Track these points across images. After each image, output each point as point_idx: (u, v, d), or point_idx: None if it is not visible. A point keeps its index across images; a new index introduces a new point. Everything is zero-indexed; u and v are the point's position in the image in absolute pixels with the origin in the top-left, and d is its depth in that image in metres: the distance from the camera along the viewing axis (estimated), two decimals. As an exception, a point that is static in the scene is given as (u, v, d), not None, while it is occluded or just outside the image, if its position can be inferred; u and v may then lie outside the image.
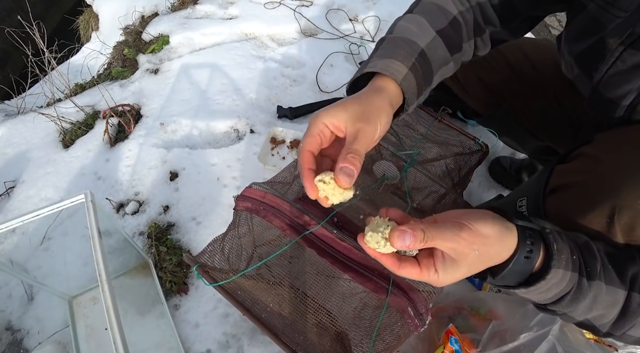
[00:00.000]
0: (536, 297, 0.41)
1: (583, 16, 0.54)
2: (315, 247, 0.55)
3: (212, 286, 0.54)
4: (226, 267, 0.61)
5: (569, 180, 0.54)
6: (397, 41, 0.52)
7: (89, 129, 1.29)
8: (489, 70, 0.84)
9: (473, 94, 0.89)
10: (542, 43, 0.83)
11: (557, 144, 0.84)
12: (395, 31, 0.55)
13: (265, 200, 0.59)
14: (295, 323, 0.58)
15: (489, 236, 0.38)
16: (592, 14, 0.52)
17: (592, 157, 0.53)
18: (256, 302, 0.58)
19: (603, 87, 0.53)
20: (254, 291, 0.60)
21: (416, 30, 0.54)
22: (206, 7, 1.84)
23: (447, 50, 0.56)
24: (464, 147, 0.84)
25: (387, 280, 0.51)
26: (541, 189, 0.57)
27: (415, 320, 0.49)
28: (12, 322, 0.89)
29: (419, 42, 0.52)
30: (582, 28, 0.55)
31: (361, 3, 1.81)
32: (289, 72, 1.45)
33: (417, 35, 0.53)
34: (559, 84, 0.75)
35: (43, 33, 1.28)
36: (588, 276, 0.41)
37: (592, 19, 0.52)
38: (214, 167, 1.13)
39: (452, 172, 0.83)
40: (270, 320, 0.56)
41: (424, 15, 0.56)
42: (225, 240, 0.63)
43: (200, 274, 0.55)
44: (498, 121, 0.90)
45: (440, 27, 0.55)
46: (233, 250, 0.63)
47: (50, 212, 0.61)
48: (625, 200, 0.45)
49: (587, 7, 0.52)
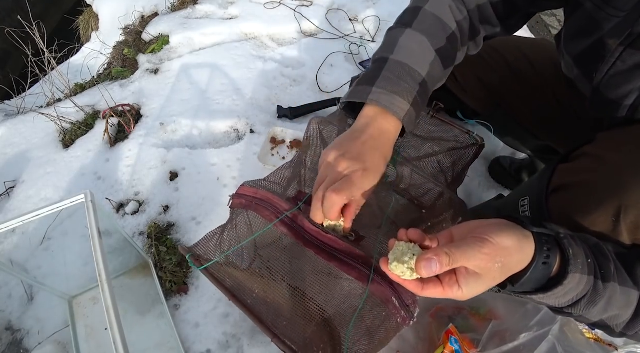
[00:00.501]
0: (553, 301, 0.42)
1: (580, 14, 0.54)
2: (301, 239, 0.56)
3: (199, 269, 0.57)
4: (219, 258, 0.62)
5: (572, 179, 0.53)
6: (399, 71, 0.53)
7: (89, 129, 1.29)
8: (488, 70, 0.84)
9: (472, 93, 0.89)
10: (541, 43, 0.83)
11: (556, 143, 0.84)
12: (396, 52, 0.54)
13: (257, 195, 0.61)
14: (279, 309, 0.58)
15: (510, 247, 0.38)
16: (588, 12, 0.52)
17: (595, 156, 0.52)
18: (242, 288, 0.59)
19: (604, 88, 0.53)
20: (242, 279, 0.61)
21: (418, 53, 0.55)
22: (206, 7, 1.84)
23: (442, 67, 0.57)
24: (458, 141, 0.83)
25: (370, 268, 0.51)
26: (544, 189, 0.57)
27: (402, 312, 0.49)
28: (12, 322, 0.89)
29: (421, 70, 0.54)
30: (579, 27, 0.55)
31: (361, 3, 1.81)
32: (289, 72, 1.45)
33: (419, 61, 0.54)
34: (558, 83, 0.75)
35: (43, 33, 1.28)
36: (603, 278, 0.41)
37: (589, 18, 0.52)
38: (214, 167, 1.13)
39: (447, 169, 0.82)
40: (256, 306, 0.57)
41: (424, 33, 0.56)
42: (222, 235, 0.64)
43: (191, 261, 0.57)
44: (497, 121, 0.90)
45: (440, 45, 0.56)
46: (227, 243, 0.63)
47: (50, 212, 0.61)
48: (631, 200, 0.45)
49: (584, 5, 0.52)
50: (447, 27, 0.57)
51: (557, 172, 0.57)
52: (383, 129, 0.51)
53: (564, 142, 0.81)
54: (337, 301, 0.57)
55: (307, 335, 0.55)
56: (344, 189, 0.46)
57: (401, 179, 0.76)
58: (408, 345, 0.82)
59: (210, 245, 0.63)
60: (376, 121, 0.51)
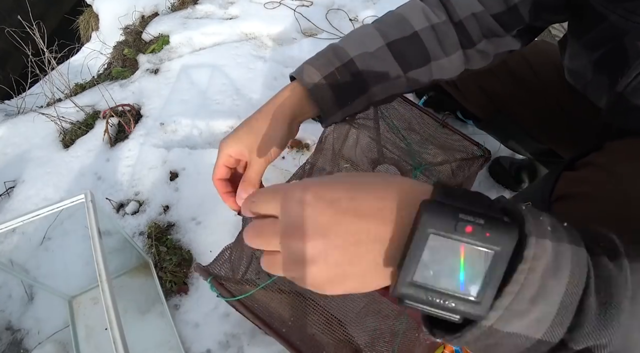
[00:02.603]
0: (531, 321, 0.22)
1: (604, 26, 0.51)
2: None
3: (226, 300, 0.53)
4: (235, 276, 0.60)
5: (577, 189, 0.52)
6: (327, 49, 0.52)
7: (89, 129, 1.29)
8: (489, 76, 0.82)
9: (472, 100, 0.88)
10: (543, 47, 0.82)
11: (559, 147, 0.83)
12: (341, 39, 0.54)
13: None
14: (313, 337, 0.56)
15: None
16: (614, 25, 0.49)
17: (603, 167, 0.51)
18: (272, 315, 0.57)
19: (631, 93, 0.50)
20: (268, 302, 0.59)
21: (356, 39, 0.53)
22: (206, 7, 1.84)
23: (397, 65, 0.54)
24: (467, 152, 0.83)
25: None
26: (547, 196, 0.56)
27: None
28: (12, 322, 0.89)
29: (350, 51, 0.52)
30: (601, 36, 0.52)
31: (361, 3, 1.81)
32: (289, 72, 1.45)
33: (353, 45, 0.52)
34: (561, 88, 0.74)
35: (43, 33, 1.28)
36: (609, 254, 0.24)
37: (615, 28, 0.49)
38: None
39: (456, 177, 0.83)
40: (291, 333, 0.55)
41: (378, 25, 0.55)
42: (233, 249, 0.62)
43: (214, 287, 0.53)
44: (498, 125, 0.90)
45: (392, 39, 0.54)
46: (241, 257, 0.62)
47: (50, 212, 0.61)
48: (637, 212, 0.44)
49: (609, 18, 0.49)
50: (409, 25, 0.54)
51: (561, 179, 0.55)
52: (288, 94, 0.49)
53: (567, 147, 0.80)
54: (370, 327, 0.56)
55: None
56: (253, 180, 0.45)
57: None
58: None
59: (225, 267, 0.60)
60: (285, 88, 0.50)
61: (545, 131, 0.82)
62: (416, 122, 0.88)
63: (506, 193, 1.13)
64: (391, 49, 0.53)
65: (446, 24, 0.55)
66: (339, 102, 0.51)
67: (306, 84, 0.48)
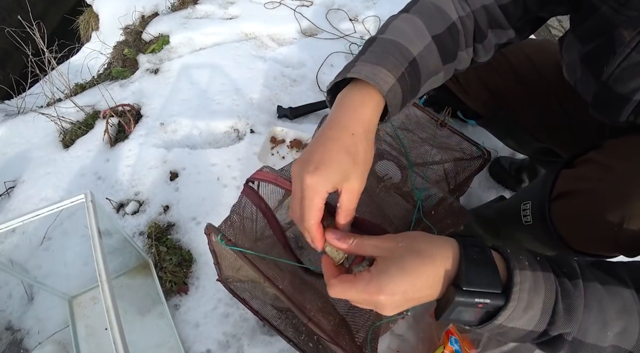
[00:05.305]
0: (525, 321, 0.36)
1: (595, 18, 0.51)
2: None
3: (232, 249, 0.52)
4: (243, 236, 0.61)
5: (576, 186, 0.53)
6: (388, 46, 0.48)
7: (89, 128, 1.29)
8: (492, 72, 0.82)
9: (474, 96, 0.88)
10: (544, 44, 0.82)
11: (558, 146, 0.83)
12: (387, 32, 0.50)
13: (278, 181, 0.58)
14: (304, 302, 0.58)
15: (412, 233, 0.40)
16: (604, 16, 0.49)
17: (601, 163, 0.51)
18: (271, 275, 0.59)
19: (614, 82, 0.50)
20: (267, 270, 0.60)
21: (411, 33, 0.50)
22: (206, 7, 1.84)
23: (440, 59, 0.52)
24: (465, 152, 0.83)
25: None
26: (547, 194, 0.56)
27: None
28: (12, 322, 0.89)
29: (412, 48, 0.48)
30: (592, 28, 0.53)
31: (361, 3, 1.81)
32: (289, 72, 1.45)
33: (411, 40, 0.49)
34: (561, 86, 0.74)
35: (43, 33, 1.28)
36: (569, 276, 0.37)
37: (605, 21, 0.50)
38: (214, 167, 1.13)
39: (450, 177, 0.83)
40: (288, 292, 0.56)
41: (420, 16, 0.52)
42: (242, 208, 0.62)
43: (223, 240, 0.53)
44: (499, 123, 0.90)
45: (438, 32, 0.51)
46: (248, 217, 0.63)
47: (50, 212, 0.61)
48: (635, 209, 0.45)
49: (600, 10, 0.50)
50: (447, 16, 0.53)
51: (560, 177, 0.56)
52: (362, 101, 0.43)
53: (566, 146, 0.81)
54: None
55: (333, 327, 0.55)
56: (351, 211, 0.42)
57: (405, 182, 0.76)
58: (408, 345, 0.82)
59: (235, 225, 0.61)
60: (354, 95, 0.43)
61: (545, 129, 0.82)
62: (415, 121, 0.88)
63: (506, 193, 1.13)
64: (436, 43, 0.51)
65: (469, 16, 0.55)
66: (402, 104, 0.48)
67: (383, 90, 0.44)
